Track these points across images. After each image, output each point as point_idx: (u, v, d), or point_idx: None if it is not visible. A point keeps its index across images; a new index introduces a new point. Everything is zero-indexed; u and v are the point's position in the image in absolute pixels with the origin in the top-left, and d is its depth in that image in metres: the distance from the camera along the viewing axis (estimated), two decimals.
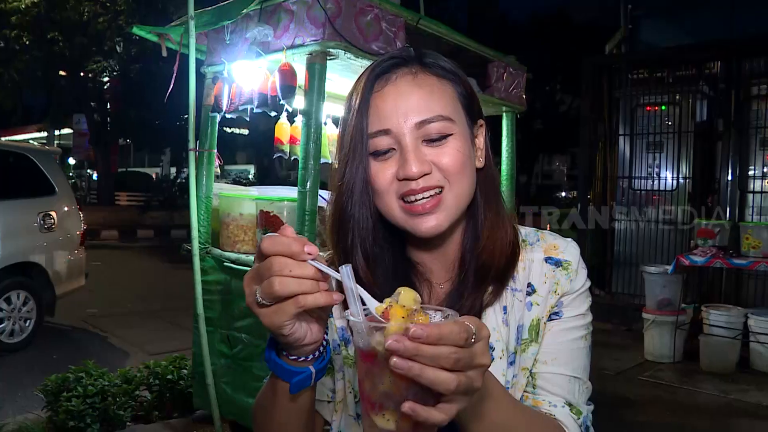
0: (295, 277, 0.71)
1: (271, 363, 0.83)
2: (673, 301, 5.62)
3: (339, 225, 0.97)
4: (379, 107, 0.92)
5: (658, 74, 7.65)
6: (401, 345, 0.62)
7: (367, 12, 3.00)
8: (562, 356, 0.95)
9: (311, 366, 0.81)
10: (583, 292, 1.00)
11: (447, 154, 0.91)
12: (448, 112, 0.92)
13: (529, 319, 0.96)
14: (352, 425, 0.99)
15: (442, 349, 0.63)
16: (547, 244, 1.02)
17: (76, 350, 5.59)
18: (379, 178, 0.92)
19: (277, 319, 0.74)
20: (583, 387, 0.96)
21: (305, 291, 0.71)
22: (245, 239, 3.32)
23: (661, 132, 7.33)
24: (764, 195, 6.76)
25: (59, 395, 3.58)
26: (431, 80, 0.94)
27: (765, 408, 4.57)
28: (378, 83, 0.93)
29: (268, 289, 0.72)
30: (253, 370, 3.18)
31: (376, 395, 0.69)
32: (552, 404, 0.93)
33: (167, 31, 3.44)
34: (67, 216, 6.11)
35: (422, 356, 0.62)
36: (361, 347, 0.70)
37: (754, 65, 6.97)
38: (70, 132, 21.22)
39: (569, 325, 0.97)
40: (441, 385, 0.63)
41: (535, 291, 0.97)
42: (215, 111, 3.29)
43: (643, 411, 4.47)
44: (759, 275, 6.17)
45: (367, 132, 0.92)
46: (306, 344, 0.78)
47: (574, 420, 0.92)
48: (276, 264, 0.71)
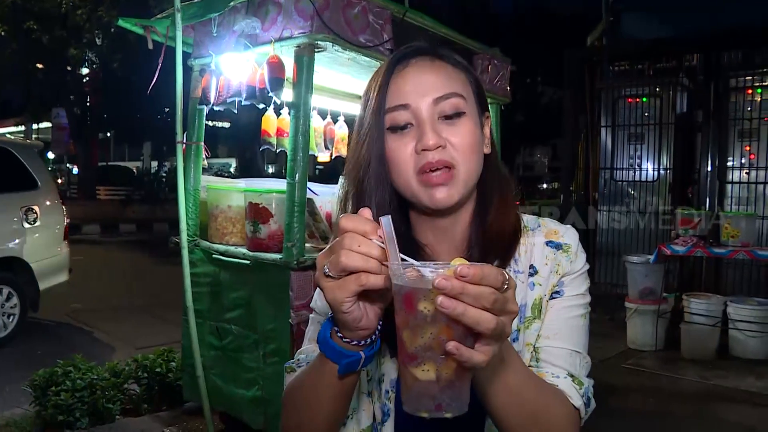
0: (361, 254, 0.74)
1: (323, 343, 0.85)
2: (654, 290, 5.72)
3: (356, 199, 1.01)
4: (399, 85, 0.98)
5: (639, 66, 7.75)
6: (449, 283, 0.67)
7: (354, 4, 3.01)
8: (564, 331, 1.00)
9: (362, 351, 0.84)
10: (582, 273, 1.05)
11: (460, 134, 0.97)
12: (461, 92, 0.99)
13: (531, 299, 1.01)
14: (364, 402, 1.03)
15: (484, 289, 0.68)
16: (548, 229, 1.07)
17: (61, 345, 5.56)
18: (398, 153, 0.97)
19: (339, 294, 0.76)
20: (584, 361, 1.01)
21: (369, 269, 0.75)
22: (234, 231, 3.33)
23: (642, 123, 7.41)
24: (742, 185, 6.88)
25: (47, 390, 3.57)
26: (447, 66, 1.01)
27: (743, 392, 4.69)
28: (398, 67, 1.00)
29: (335, 261, 0.75)
30: (243, 361, 3.20)
31: (416, 348, 0.73)
32: (555, 375, 0.97)
33: (153, 23, 3.43)
34: (50, 210, 6.05)
35: (466, 294, 0.67)
36: (402, 294, 0.73)
37: (732, 58, 7.09)
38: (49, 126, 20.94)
39: (570, 303, 1.02)
40: (482, 324, 0.68)
41: (537, 272, 1.03)
42: (203, 103, 3.29)
43: (626, 398, 4.55)
44: (738, 264, 6.30)
45: (386, 107, 0.98)
46: (361, 328, 0.81)
47: (576, 390, 0.96)
48: (347, 239, 0.75)
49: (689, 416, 4.33)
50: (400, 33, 3.28)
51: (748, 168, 6.83)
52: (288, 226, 2.90)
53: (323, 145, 3.99)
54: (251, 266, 3.11)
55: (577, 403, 0.95)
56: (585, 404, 0.96)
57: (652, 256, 5.64)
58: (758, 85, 6.78)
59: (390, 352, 1.00)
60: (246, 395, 3.18)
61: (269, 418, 3.07)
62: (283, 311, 2.96)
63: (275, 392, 3.02)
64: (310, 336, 1.09)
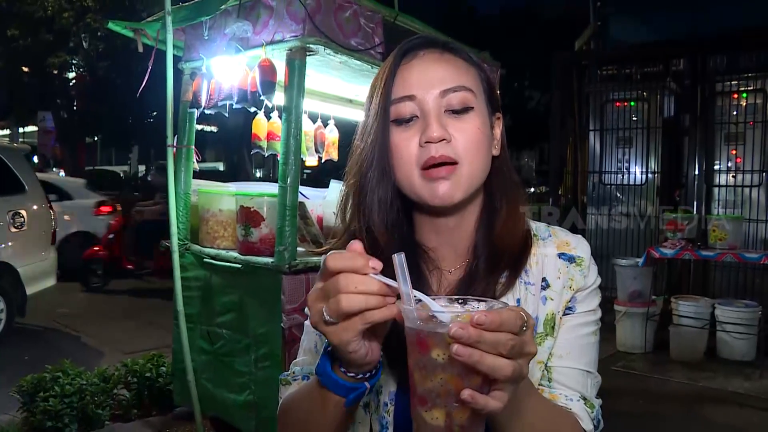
0: (361, 293, 0.71)
1: (326, 377, 0.82)
2: (643, 293, 5.76)
3: (357, 199, 0.98)
4: (405, 76, 0.95)
5: (627, 70, 7.81)
6: (465, 332, 0.64)
7: (345, 8, 3.02)
8: (575, 351, 0.98)
9: (367, 382, 0.82)
10: (594, 288, 1.02)
11: (466, 130, 0.93)
12: (471, 86, 0.95)
13: (543, 313, 0.98)
14: (361, 414, 0.99)
15: (501, 335, 0.65)
16: (559, 240, 1.03)
17: (48, 350, 5.51)
18: (402, 146, 0.94)
19: (345, 336, 0.74)
20: (594, 381, 0.99)
21: (372, 306, 0.71)
22: (225, 235, 3.32)
23: (630, 127, 7.46)
24: (729, 189, 6.94)
25: (35, 395, 3.54)
26: (457, 60, 0.97)
27: (730, 393, 4.74)
28: (405, 58, 0.97)
29: (335, 307, 0.72)
30: (234, 365, 3.18)
31: (425, 390, 0.70)
32: (568, 398, 0.95)
33: (143, 26, 3.42)
34: (37, 215, 6.01)
35: (484, 343, 0.64)
36: (414, 337, 0.70)
37: (718, 62, 7.15)
38: (35, 129, 20.77)
39: (582, 321, 0.99)
40: (498, 371, 0.65)
41: (549, 286, 0.99)
42: (194, 107, 3.28)
43: (616, 400, 4.57)
44: (725, 266, 6.35)
45: (391, 99, 0.94)
46: (367, 362, 0.78)
47: (588, 414, 0.94)
48: (342, 281, 0.71)
49: (678, 417, 4.37)
50: (391, 36, 3.29)
51: (735, 171, 6.89)
52: (280, 230, 2.89)
53: (314, 149, 3.98)
54: (243, 270, 3.09)
55: (587, 428, 0.93)
56: (595, 427, 0.95)
57: (641, 259, 5.67)
58: (743, 90, 6.84)
59: (389, 363, 0.94)
60: (237, 400, 3.17)
61: (261, 423, 3.05)
62: (274, 315, 2.95)
63: (267, 396, 3.00)
64: (305, 347, 1.06)
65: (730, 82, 6.95)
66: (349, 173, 1.00)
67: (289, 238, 2.88)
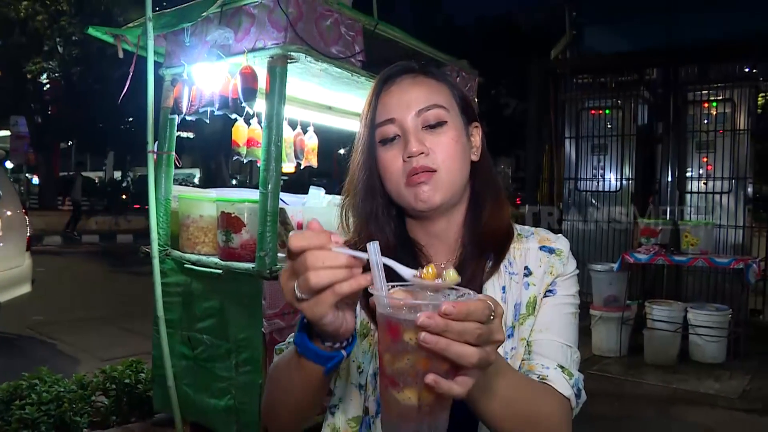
0: (328, 268, 0.74)
1: (303, 347, 0.86)
2: (618, 297, 5.85)
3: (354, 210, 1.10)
4: (386, 102, 1.08)
5: (602, 79, 7.96)
6: (432, 321, 0.68)
7: (327, 16, 3.06)
8: (555, 326, 1.05)
9: (343, 350, 0.86)
10: (573, 275, 1.12)
11: (442, 142, 1.05)
12: (443, 103, 1.07)
13: (526, 297, 1.07)
14: (353, 392, 1.07)
15: (468, 324, 0.69)
16: (540, 236, 1.15)
17: (23, 358, 5.43)
18: (389, 162, 1.06)
19: (318, 310, 0.77)
20: (574, 355, 1.05)
21: (340, 279, 0.75)
22: (206, 241, 3.32)
23: (605, 135, 7.59)
24: (701, 195, 7.10)
25: (11, 403, 3.49)
26: (430, 81, 1.10)
27: (702, 395, 4.83)
28: (385, 85, 1.10)
29: (305, 284, 0.75)
30: (215, 370, 3.19)
31: (396, 373, 0.74)
32: (545, 366, 1.00)
33: (124, 32, 3.41)
34: (12, 221, 5.90)
35: (450, 332, 0.68)
36: (385, 322, 0.74)
37: (689, 72, 7.35)
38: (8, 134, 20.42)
39: (562, 301, 1.08)
40: (464, 359, 0.69)
41: (531, 273, 1.09)
42: (174, 113, 3.28)
43: (592, 402, 4.55)
44: (697, 271, 6.50)
45: (376, 123, 1.08)
46: (341, 332, 0.82)
47: (566, 380, 0.99)
48: (309, 258, 0.75)
49: (652, 419, 4.47)
50: (371, 45, 3.33)
51: (706, 178, 7.06)
52: (261, 236, 2.91)
53: (293, 155, 4.00)
54: (223, 276, 3.11)
55: (566, 393, 0.98)
56: (576, 395, 0.99)
57: (616, 264, 5.77)
58: (713, 99, 7.02)
59: None
60: (218, 405, 3.17)
61: (242, 428, 3.06)
62: (255, 320, 2.96)
63: (247, 401, 3.01)
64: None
65: (701, 91, 7.13)
66: (347, 190, 1.12)
67: (269, 243, 2.90)
